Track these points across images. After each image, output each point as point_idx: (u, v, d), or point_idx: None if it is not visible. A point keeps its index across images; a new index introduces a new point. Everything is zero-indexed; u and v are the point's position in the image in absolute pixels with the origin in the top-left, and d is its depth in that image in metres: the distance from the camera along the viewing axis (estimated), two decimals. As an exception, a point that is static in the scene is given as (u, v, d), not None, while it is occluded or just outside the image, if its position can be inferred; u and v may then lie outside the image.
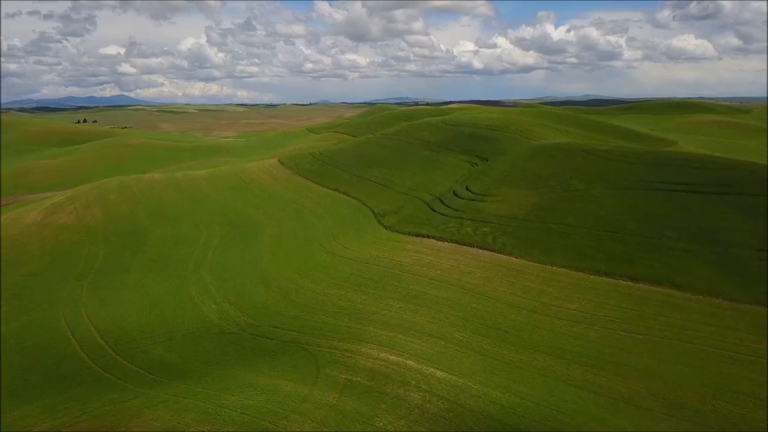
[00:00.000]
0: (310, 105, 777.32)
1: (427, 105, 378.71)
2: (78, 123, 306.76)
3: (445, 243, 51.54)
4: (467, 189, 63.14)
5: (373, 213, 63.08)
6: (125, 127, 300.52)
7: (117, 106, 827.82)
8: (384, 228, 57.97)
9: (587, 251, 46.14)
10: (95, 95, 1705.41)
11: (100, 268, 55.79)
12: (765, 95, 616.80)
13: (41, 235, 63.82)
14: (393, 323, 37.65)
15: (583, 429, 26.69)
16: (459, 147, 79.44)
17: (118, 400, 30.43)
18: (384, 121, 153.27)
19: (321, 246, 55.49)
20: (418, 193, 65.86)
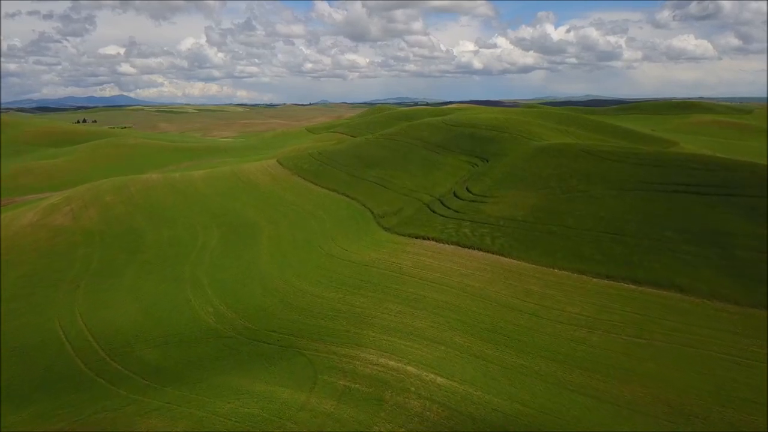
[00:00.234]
0: (309, 105, 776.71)
1: (427, 105, 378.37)
2: (77, 123, 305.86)
3: (446, 245, 50.89)
4: (467, 190, 62.50)
5: (373, 214, 62.45)
6: (124, 127, 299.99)
7: (117, 106, 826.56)
8: (383, 229, 57.34)
9: (589, 253, 45.56)
10: (95, 95, 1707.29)
11: (95, 270, 55.13)
12: (765, 95, 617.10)
13: (36, 237, 63.15)
14: (392, 327, 37.00)
15: (587, 437, 26.07)
16: (459, 147, 78.80)
17: (110, 407, 29.75)
18: (383, 122, 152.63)
19: (320, 248, 54.84)
20: (418, 194, 65.22)
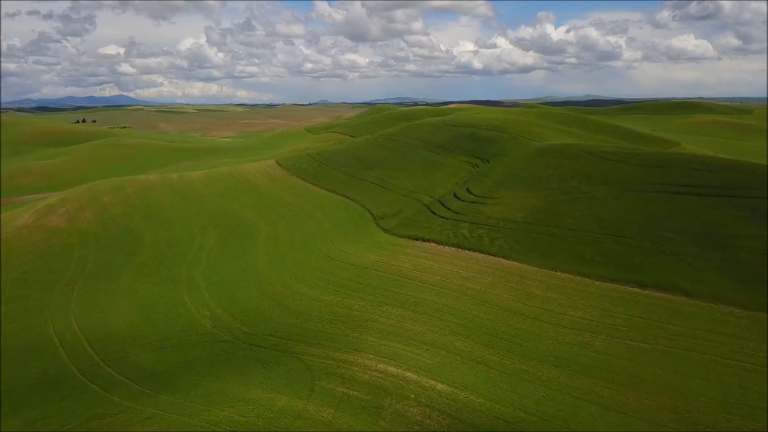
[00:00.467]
0: (309, 105, 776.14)
1: (427, 105, 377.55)
2: (77, 123, 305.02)
3: (446, 247, 50.17)
4: (468, 191, 61.78)
5: (372, 215, 61.72)
6: (124, 127, 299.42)
7: (116, 106, 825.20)
8: (383, 231, 56.62)
9: (592, 256, 44.84)
10: (95, 95, 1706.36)
11: (91, 272, 54.35)
12: (765, 95, 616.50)
13: (32, 238, 62.35)
14: (392, 332, 36.29)
15: (592, 447, 25.38)
16: (459, 148, 78.08)
17: (103, 414, 29.03)
18: (383, 122, 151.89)
19: (318, 250, 54.11)
20: (417, 195, 64.49)
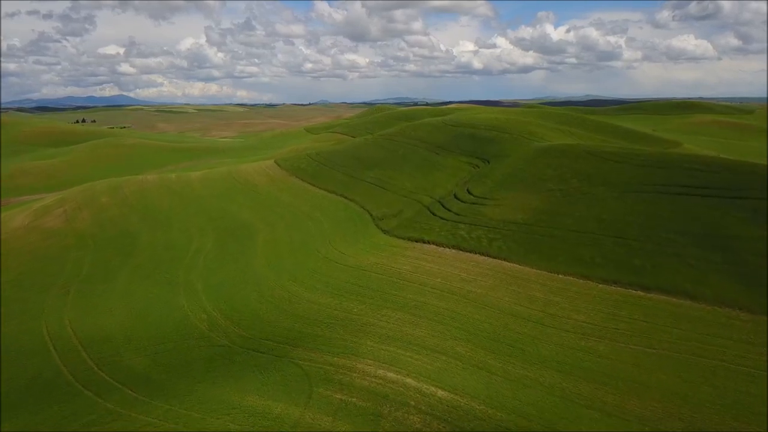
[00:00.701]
0: (309, 105, 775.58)
1: (427, 105, 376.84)
2: (76, 123, 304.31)
3: (447, 249, 49.46)
4: (469, 192, 61.08)
5: (372, 216, 61.01)
6: (123, 127, 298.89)
7: (116, 105, 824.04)
8: (382, 232, 55.91)
9: (594, 258, 44.12)
10: (95, 95, 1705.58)
11: (87, 274, 53.66)
12: (765, 95, 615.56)
13: (27, 240, 61.65)
14: (391, 336, 35.57)
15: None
16: (459, 148, 77.38)
17: (95, 422, 28.35)
18: (383, 122, 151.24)
19: (317, 252, 53.40)
20: (417, 196, 63.78)
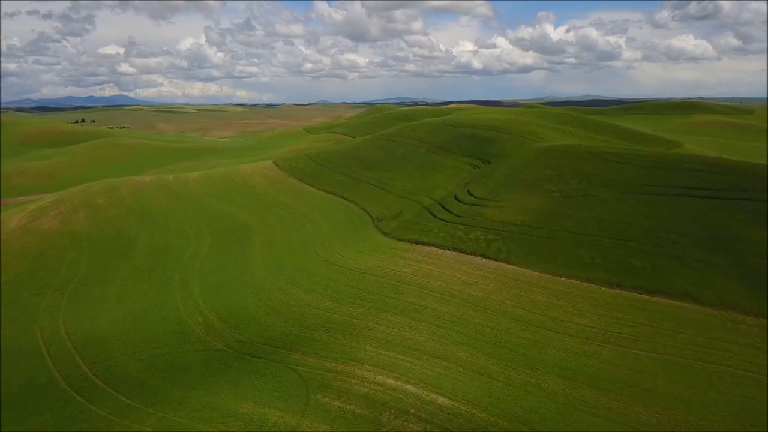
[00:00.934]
0: (309, 105, 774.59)
1: (427, 105, 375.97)
2: (76, 123, 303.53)
3: (447, 251, 48.78)
4: (469, 193, 60.39)
5: (371, 218, 60.33)
6: (123, 127, 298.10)
7: (116, 105, 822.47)
8: (382, 234, 55.22)
9: (597, 261, 43.43)
10: (94, 95, 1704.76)
11: (82, 277, 52.96)
12: (764, 95, 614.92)
13: (23, 242, 60.92)
14: (390, 341, 34.88)
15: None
16: (460, 149, 76.70)
17: (87, 430, 27.63)
18: (383, 122, 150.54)
19: (316, 254, 52.71)
20: (417, 197, 63.09)
